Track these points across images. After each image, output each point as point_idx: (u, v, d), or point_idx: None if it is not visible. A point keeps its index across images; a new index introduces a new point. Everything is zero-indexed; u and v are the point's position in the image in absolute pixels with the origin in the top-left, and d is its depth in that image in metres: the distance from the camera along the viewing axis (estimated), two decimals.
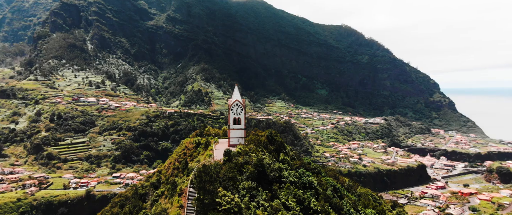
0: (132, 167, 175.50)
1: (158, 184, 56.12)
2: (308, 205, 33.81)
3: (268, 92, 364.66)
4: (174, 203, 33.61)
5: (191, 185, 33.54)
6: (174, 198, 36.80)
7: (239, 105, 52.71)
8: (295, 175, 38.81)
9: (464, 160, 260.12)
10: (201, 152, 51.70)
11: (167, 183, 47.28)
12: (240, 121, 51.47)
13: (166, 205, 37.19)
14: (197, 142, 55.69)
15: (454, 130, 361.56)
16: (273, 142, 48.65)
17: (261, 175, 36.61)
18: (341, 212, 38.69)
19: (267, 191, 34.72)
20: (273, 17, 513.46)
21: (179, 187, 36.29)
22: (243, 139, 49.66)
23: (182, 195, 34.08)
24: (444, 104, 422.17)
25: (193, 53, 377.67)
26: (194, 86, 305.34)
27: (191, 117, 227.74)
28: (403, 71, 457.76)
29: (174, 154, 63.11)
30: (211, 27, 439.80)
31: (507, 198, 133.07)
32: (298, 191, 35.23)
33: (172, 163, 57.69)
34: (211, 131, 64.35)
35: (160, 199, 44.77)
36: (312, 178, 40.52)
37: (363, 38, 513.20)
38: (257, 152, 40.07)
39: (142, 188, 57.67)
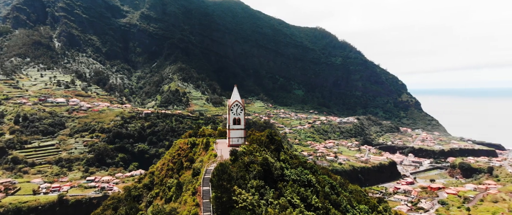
0: (107, 170, 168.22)
1: (151, 185, 54.34)
2: (310, 202, 34.39)
3: (247, 93, 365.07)
4: (189, 201, 32.81)
5: (204, 184, 33.04)
6: (183, 197, 35.90)
7: (239, 106, 52.41)
8: (296, 174, 39.32)
9: (430, 157, 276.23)
10: (197, 152, 50.70)
11: (162, 184, 45.97)
12: (240, 121, 51.23)
13: (175, 204, 36.17)
14: (192, 142, 54.56)
15: (420, 128, 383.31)
16: (273, 142, 48.91)
17: (267, 173, 36.73)
18: (339, 208, 39.77)
19: (274, 189, 34.90)
20: (251, 18, 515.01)
21: (193, 186, 35.47)
22: (243, 139, 49.47)
23: (197, 194, 33.36)
24: (411, 104, 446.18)
25: (169, 52, 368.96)
26: (171, 86, 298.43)
27: (169, 117, 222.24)
28: (374, 73, 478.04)
29: (167, 155, 61.38)
30: (187, 26, 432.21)
31: (471, 192, 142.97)
32: (301, 189, 35.71)
33: (165, 164, 56.09)
34: (206, 131, 63.27)
35: (154, 200, 43.45)
36: (311, 176, 41.26)
37: (337, 41, 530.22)
38: (261, 151, 40.08)
39: (135, 190, 55.51)
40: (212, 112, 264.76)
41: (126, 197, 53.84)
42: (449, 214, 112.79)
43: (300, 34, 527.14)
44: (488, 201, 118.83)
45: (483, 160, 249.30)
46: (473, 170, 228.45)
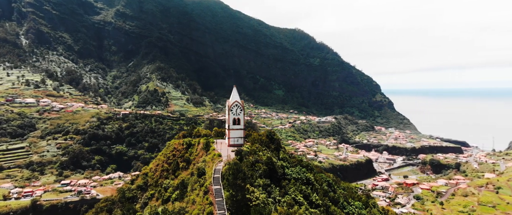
0: (83, 173, 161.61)
1: (145, 186, 53.02)
2: (312, 200, 35.28)
3: (228, 93, 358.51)
4: (198, 201, 32.46)
5: (214, 183, 32.85)
6: (191, 197, 35.46)
7: (238, 106, 52.40)
8: (297, 172, 40.16)
9: (402, 154, 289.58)
10: (194, 152, 50.07)
11: (157, 185, 45.13)
12: (239, 121, 51.22)
13: (182, 204, 35.66)
14: (188, 143, 53.81)
15: (393, 127, 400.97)
16: (273, 141, 49.38)
17: (271, 172, 37.14)
18: (337, 204, 41.03)
19: (279, 188, 35.44)
20: (230, 17, 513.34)
21: (204, 185, 35.12)
22: (242, 139, 49.52)
23: (209, 192, 33.07)
24: (385, 104, 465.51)
25: (146, 51, 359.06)
26: (149, 86, 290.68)
27: (148, 118, 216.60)
28: (350, 74, 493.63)
29: (161, 156, 59.99)
30: (165, 25, 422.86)
31: (443, 187, 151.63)
32: (302, 187, 36.54)
33: (160, 165, 54.87)
34: (201, 131, 62.55)
35: (150, 201, 42.59)
36: (309, 174, 42.24)
37: (315, 42, 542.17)
38: (263, 151, 40.44)
39: (129, 191, 53.86)
40: (193, 112, 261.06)
41: (120, 198, 52.28)
42: (424, 208, 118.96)
43: (280, 35, 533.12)
44: (459, 195, 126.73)
45: (451, 156, 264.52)
46: (442, 166, 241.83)
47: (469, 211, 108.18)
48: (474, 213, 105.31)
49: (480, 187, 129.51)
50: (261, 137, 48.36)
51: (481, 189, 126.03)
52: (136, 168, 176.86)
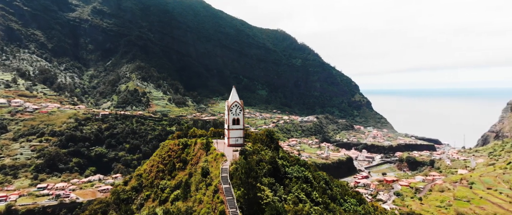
0: (60, 176, 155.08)
1: (140, 187, 51.73)
2: (313, 197, 35.99)
3: (211, 93, 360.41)
4: (206, 200, 32.11)
5: (223, 182, 32.66)
6: (197, 196, 35.02)
7: (238, 106, 52.27)
8: (297, 171, 40.78)
9: (381, 152, 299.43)
10: (191, 153, 49.42)
11: (152, 186, 44.26)
12: (239, 121, 51.11)
13: (188, 203, 35.16)
14: (184, 143, 53.02)
15: (371, 126, 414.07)
16: (273, 141, 49.65)
17: (275, 171, 37.41)
18: (335, 201, 42.05)
19: (283, 186, 35.83)
20: (212, 17, 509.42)
21: (213, 184, 34.74)
22: (242, 139, 49.42)
23: (219, 191, 32.75)
24: (363, 103, 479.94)
25: (126, 50, 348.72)
26: (129, 86, 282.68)
27: (129, 119, 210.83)
28: (330, 74, 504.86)
29: (155, 157, 58.60)
30: (145, 23, 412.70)
31: (421, 183, 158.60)
32: (303, 185, 37.18)
33: (154, 166, 53.67)
34: (196, 132, 61.74)
35: (146, 202, 41.72)
36: (307, 173, 43.03)
37: (297, 43, 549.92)
38: (265, 150, 40.68)
39: (123, 193, 52.28)
40: (175, 113, 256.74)
41: (115, 200, 50.79)
42: (404, 204, 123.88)
43: (262, 36, 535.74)
44: (436, 190, 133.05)
45: (425, 154, 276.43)
46: (418, 163, 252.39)
47: (446, 206, 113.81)
48: (451, 207, 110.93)
49: (455, 183, 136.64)
50: (261, 137, 48.63)
51: (456, 185, 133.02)
52: (117, 170, 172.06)
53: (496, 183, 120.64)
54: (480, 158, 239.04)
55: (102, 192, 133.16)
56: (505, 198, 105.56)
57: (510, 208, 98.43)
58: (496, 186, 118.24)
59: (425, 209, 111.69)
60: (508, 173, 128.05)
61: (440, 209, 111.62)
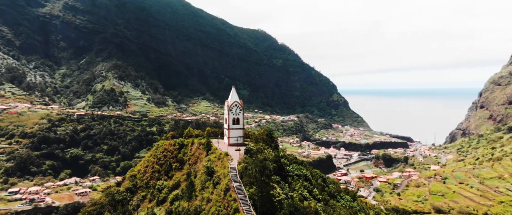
0: (32, 179, 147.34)
1: (135, 188, 50.18)
2: (314, 194, 36.80)
3: (192, 92, 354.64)
4: (215, 198, 31.78)
5: (234, 181, 32.41)
6: (203, 195, 34.52)
7: (238, 106, 52.04)
8: (297, 169, 41.44)
9: (358, 150, 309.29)
10: (188, 153, 48.62)
11: (148, 187, 43.25)
12: (239, 121, 50.93)
13: (195, 202, 34.59)
14: (180, 143, 52.04)
15: (348, 124, 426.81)
16: (272, 140, 49.93)
17: (279, 169, 37.72)
18: (334, 198, 43.20)
19: (287, 184, 36.28)
20: (192, 15, 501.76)
21: (222, 182, 34.33)
22: (242, 138, 49.31)
23: (230, 190, 32.41)
24: (341, 103, 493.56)
25: (101, 47, 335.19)
26: (106, 85, 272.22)
27: (107, 119, 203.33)
28: (309, 75, 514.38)
29: (150, 157, 56.91)
30: (121, 20, 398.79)
31: (398, 179, 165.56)
32: (305, 182, 37.89)
33: (149, 167, 52.22)
34: (192, 132, 60.66)
35: (142, 203, 40.73)
36: (305, 171, 43.85)
37: (277, 43, 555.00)
38: (267, 149, 40.92)
39: (118, 194, 50.44)
40: (155, 113, 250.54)
41: (110, 202, 49.01)
42: (384, 199, 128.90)
43: (243, 35, 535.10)
44: (412, 186, 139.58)
45: (400, 151, 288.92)
46: (393, 160, 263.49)
47: (423, 200, 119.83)
48: (427, 202, 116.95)
49: (429, 178, 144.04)
50: (262, 136, 48.95)
51: (430, 180, 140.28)
52: (94, 172, 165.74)
53: (467, 178, 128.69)
54: (450, 154, 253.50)
55: (80, 196, 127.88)
56: (476, 192, 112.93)
57: (481, 201, 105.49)
58: (467, 180, 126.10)
59: (403, 204, 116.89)
60: (477, 168, 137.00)
61: (417, 203, 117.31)
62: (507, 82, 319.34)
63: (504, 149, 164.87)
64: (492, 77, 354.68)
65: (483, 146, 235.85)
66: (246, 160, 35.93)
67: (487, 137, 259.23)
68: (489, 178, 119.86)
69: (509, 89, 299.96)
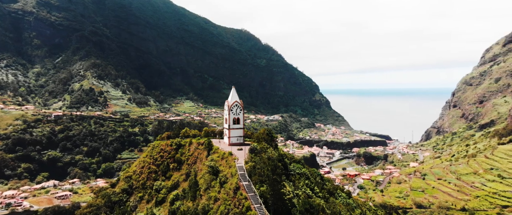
0: (6, 183, 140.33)
1: (131, 189, 48.79)
2: (315, 192, 37.47)
3: (175, 92, 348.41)
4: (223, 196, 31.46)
5: (242, 179, 32.18)
6: (210, 194, 34.08)
7: (238, 106, 51.81)
8: (298, 168, 41.92)
9: (339, 148, 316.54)
10: (186, 153, 47.82)
11: (144, 188, 42.33)
12: (239, 121, 50.73)
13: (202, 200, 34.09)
14: (178, 143, 51.11)
15: (330, 123, 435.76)
16: (272, 139, 50.07)
17: (283, 168, 38.05)
18: (333, 195, 44.13)
19: (292, 182, 36.61)
20: (174, 13, 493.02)
21: (232, 181, 33.91)
22: (242, 138, 49.14)
23: (240, 189, 32.10)
24: (323, 102, 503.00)
25: (78, 45, 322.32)
26: (84, 85, 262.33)
27: (86, 120, 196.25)
28: (293, 75, 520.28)
29: (145, 158, 55.36)
30: (100, 18, 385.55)
31: (380, 176, 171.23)
32: (306, 181, 38.45)
33: (146, 167, 50.90)
34: (189, 132, 59.61)
35: (139, 204, 39.84)
36: (304, 169, 44.47)
37: (261, 43, 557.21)
38: (270, 148, 41.08)
39: (114, 195, 48.78)
40: (137, 113, 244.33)
41: (106, 203, 47.44)
42: (367, 196, 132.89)
43: (227, 35, 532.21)
44: (394, 183, 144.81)
45: (379, 149, 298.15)
46: (373, 158, 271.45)
47: (404, 196, 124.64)
48: (408, 197, 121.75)
49: (410, 175, 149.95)
50: (262, 135, 49.14)
51: (410, 177, 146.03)
52: (73, 175, 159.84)
53: (445, 174, 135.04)
54: (426, 151, 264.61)
55: (60, 199, 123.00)
56: (453, 187, 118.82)
57: (458, 196, 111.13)
58: (445, 176, 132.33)
59: (386, 200, 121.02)
60: (454, 164, 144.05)
61: (400, 199, 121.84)
62: (477, 82, 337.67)
63: (477, 146, 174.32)
64: (464, 78, 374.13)
65: (457, 143, 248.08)
66: (253, 159, 36.04)
67: (460, 135, 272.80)
68: (465, 174, 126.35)
69: (479, 90, 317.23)
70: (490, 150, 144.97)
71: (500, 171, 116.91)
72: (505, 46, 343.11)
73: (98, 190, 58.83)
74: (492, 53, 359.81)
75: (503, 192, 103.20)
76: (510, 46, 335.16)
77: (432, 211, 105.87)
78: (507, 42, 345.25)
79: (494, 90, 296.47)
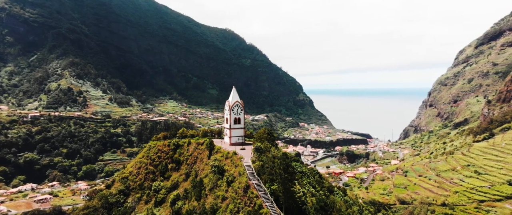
0: None
1: (127, 190, 47.41)
2: (316, 190, 38.08)
3: (158, 92, 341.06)
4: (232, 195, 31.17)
5: (252, 178, 31.99)
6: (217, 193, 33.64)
7: (239, 106, 51.58)
8: (299, 167, 42.36)
9: (323, 147, 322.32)
10: (185, 153, 46.98)
11: (142, 188, 41.42)
12: (240, 121, 50.47)
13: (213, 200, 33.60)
14: (175, 143, 50.12)
15: (313, 123, 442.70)
16: (273, 139, 50.09)
17: (287, 167, 38.22)
18: (332, 193, 44.88)
19: (296, 181, 36.98)
20: (156, 12, 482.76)
21: (241, 180, 33.55)
22: (243, 137, 48.89)
23: (250, 187, 31.84)
24: (306, 102, 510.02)
25: (55, 43, 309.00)
26: (62, 84, 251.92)
27: (66, 120, 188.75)
28: (277, 75, 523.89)
29: (142, 158, 53.79)
30: (78, 15, 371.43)
31: (364, 174, 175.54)
32: (308, 179, 38.95)
33: (142, 168, 49.58)
34: (186, 132, 58.48)
35: (137, 205, 38.98)
36: (303, 168, 45.00)
37: (245, 43, 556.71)
38: (273, 148, 41.16)
39: (111, 197, 47.13)
40: (118, 113, 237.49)
41: (103, 204, 45.89)
42: (353, 193, 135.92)
43: (211, 34, 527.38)
44: (378, 180, 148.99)
45: (361, 147, 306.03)
46: (356, 156, 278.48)
47: (388, 193, 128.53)
48: (392, 194, 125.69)
49: (392, 172, 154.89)
50: (264, 135, 49.24)
51: (393, 174, 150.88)
52: (52, 178, 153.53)
53: (425, 171, 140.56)
54: (405, 149, 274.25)
55: (40, 203, 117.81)
56: (434, 184, 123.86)
57: (438, 191, 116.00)
58: (425, 173, 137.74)
59: (371, 197, 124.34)
60: (433, 161, 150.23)
61: (384, 196, 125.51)
62: (452, 83, 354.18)
63: (454, 144, 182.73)
64: (439, 78, 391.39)
65: (434, 141, 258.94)
66: (260, 158, 36.18)
67: (437, 133, 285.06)
68: (444, 171, 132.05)
69: (453, 90, 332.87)
70: (466, 147, 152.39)
71: (476, 167, 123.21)
72: (477, 48, 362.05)
73: (92, 191, 56.88)
74: (465, 55, 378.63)
75: (479, 187, 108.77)
76: (481, 48, 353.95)
77: (414, 206, 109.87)
78: (479, 45, 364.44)
79: (467, 90, 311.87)
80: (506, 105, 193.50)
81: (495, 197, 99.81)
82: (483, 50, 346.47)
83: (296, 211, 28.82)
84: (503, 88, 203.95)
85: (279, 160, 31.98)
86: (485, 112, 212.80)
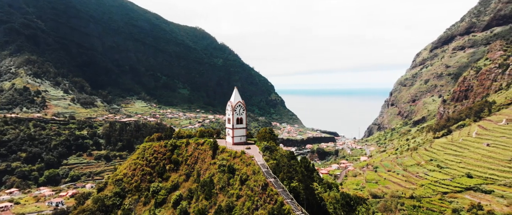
0: None
1: (123, 192, 44.62)
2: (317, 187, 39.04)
3: (125, 92, 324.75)
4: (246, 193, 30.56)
5: (268, 176, 31.53)
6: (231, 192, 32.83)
7: (241, 107, 50.84)
8: (299, 165, 43.14)
9: (295, 145, 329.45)
10: (184, 154, 45.28)
11: (138, 190, 39.56)
12: (242, 121, 49.76)
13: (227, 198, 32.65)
14: (173, 144, 48.09)
15: (285, 122, 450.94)
16: (274, 137, 49.89)
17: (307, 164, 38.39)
18: (331, 189, 46.11)
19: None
20: (121, 8, 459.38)
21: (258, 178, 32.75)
22: (245, 137, 48.20)
23: (269, 185, 31.21)
24: (278, 102, 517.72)
25: (7, 39, 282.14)
26: (16, 83, 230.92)
27: (24, 122, 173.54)
28: (250, 75, 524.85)
29: (138, 159, 50.61)
30: (33, 9, 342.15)
31: (337, 170, 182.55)
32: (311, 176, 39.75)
33: (138, 170, 46.90)
34: (183, 132, 56.17)
35: (135, 206, 37.16)
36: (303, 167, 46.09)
37: (217, 43, 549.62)
38: (279, 147, 41.16)
39: (108, 199, 43.85)
40: (82, 114, 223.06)
41: (100, 207, 42.77)
42: None
43: (181, 32, 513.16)
44: (350, 176, 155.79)
45: (331, 145, 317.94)
46: (326, 153, 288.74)
47: (361, 188, 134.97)
48: (365, 189, 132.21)
49: (363, 168, 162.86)
50: (267, 134, 49.17)
51: (364, 170, 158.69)
52: (10, 184, 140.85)
53: (393, 166, 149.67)
54: (371, 146, 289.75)
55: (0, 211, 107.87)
56: (402, 178, 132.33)
57: (406, 185, 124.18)
58: (393, 168, 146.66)
59: (346, 193, 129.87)
60: (400, 157, 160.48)
61: (357, 191, 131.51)
62: (410, 83, 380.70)
63: (416, 140, 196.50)
64: (399, 79, 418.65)
65: (397, 138, 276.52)
66: (272, 156, 36.27)
67: (398, 130, 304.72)
68: (410, 165, 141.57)
69: (412, 90, 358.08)
70: (428, 143, 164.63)
71: (438, 162, 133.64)
72: (432, 51, 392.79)
73: (79, 195, 53.01)
74: (422, 58, 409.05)
75: (442, 180, 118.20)
76: (436, 51, 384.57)
77: (386, 200, 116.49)
78: (433, 48, 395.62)
79: (424, 91, 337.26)
80: (460, 104, 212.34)
81: (456, 189, 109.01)
82: (437, 53, 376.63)
83: (315, 207, 29.54)
84: (457, 89, 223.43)
85: (304, 158, 32.53)
86: (441, 110, 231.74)
